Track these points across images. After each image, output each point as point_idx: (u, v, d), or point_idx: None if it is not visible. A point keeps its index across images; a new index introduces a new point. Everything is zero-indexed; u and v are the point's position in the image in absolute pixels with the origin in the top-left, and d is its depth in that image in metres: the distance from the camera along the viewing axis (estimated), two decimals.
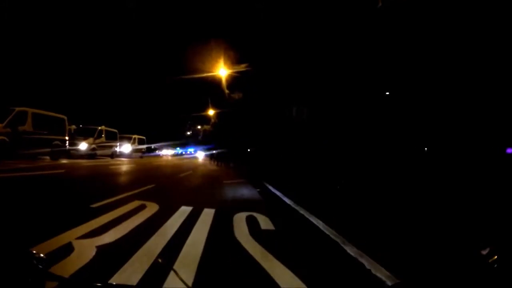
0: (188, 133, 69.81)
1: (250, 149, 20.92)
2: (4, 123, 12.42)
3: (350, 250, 3.41)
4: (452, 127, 7.85)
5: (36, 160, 14.14)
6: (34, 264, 0.96)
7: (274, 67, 15.45)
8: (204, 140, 47.82)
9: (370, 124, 10.08)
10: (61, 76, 27.43)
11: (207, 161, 32.55)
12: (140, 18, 40.79)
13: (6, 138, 12.33)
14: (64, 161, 15.49)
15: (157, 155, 44.37)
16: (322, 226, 4.40)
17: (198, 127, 59.69)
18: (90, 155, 20.31)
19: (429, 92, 8.50)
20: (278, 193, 7.93)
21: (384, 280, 2.68)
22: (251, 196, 7.94)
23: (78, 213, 4.48)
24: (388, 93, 10.24)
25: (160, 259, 2.96)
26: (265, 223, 4.69)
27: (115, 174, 11.77)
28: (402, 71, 9.29)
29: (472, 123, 7.34)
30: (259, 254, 3.26)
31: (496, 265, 1.12)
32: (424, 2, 8.65)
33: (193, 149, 58.37)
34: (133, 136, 29.81)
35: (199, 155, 44.90)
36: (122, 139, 26.82)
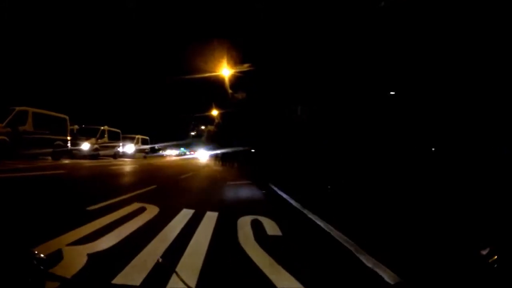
0: (192, 134, 69.95)
1: (254, 150, 20.67)
2: (4, 123, 12.23)
3: (366, 260, 3.11)
4: (458, 127, 7.68)
5: (37, 161, 13.94)
6: (35, 265, 0.95)
7: (278, 66, 15.22)
8: (208, 141, 47.69)
9: (378, 124, 9.93)
10: (64, 76, 27.37)
11: (211, 162, 32.32)
12: (145, 18, 40.75)
13: (6, 138, 12.13)
14: (66, 162, 15.30)
15: (161, 156, 44.31)
16: (333, 232, 4.10)
17: (202, 128, 59.61)
18: (93, 156, 20.14)
19: (436, 92, 8.41)
20: (284, 195, 7.66)
21: None
22: (256, 198, 7.69)
23: (73, 217, 4.21)
24: (394, 93, 10.09)
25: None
26: (272, 228, 4.39)
27: (116, 175, 11.55)
28: (408, 71, 9.19)
29: (477, 123, 7.21)
30: (266, 264, 2.97)
31: (496, 265, 1.14)
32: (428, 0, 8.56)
33: (197, 150, 58.28)
34: (136, 136, 29.61)
35: (203, 156, 44.75)
36: (125, 139, 26.64)
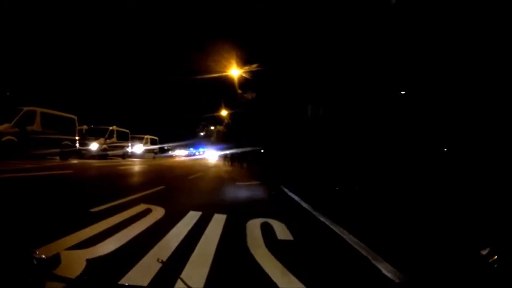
0: (202, 134, 70.10)
1: (264, 150, 20.45)
2: (12, 123, 12.20)
3: (386, 270, 2.86)
4: (463, 127, 7.69)
5: (45, 161, 13.91)
6: (35, 265, 0.97)
7: (288, 65, 15.00)
8: (217, 141, 47.69)
9: (389, 123, 9.73)
10: (75, 77, 27.48)
11: (220, 162, 32.14)
12: (156, 17, 40.86)
13: (14, 138, 12.09)
14: (74, 162, 15.26)
15: (170, 156, 44.35)
16: (348, 237, 3.85)
17: (212, 128, 59.77)
18: (101, 156, 20.13)
19: (449, 91, 8.25)
20: (294, 196, 7.43)
21: None
22: (265, 200, 7.47)
23: (74, 219, 4.05)
24: (403, 92, 9.95)
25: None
26: (282, 232, 4.15)
27: (124, 175, 11.43)
28: (419, 70, 9.02)
29: (477, 123, 7.24)
30: (277, 272, 2.74)
31: (496, 265, 1.13)
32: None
33: (207, 150, 58.32)
34: (145, 137, 29.60)
35: (212, 156, 44.72)
36: (134, 140, 26.62)
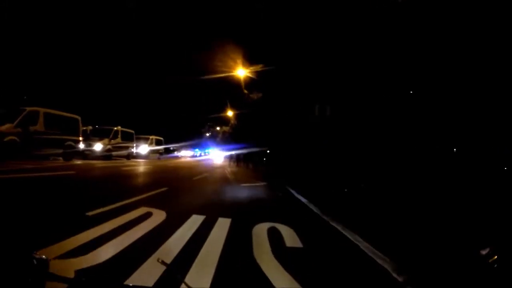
0: (207, 135, 69.99)
1: (270, 150, 20.21)
2: (15, 123, 12.01)
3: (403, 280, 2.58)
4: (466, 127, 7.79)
5: (48, 161, 13.72)
6: (35, 265, 0.90)
7: (295, 64, 14.77)
8: (223, 141, 47.55)
9: (400, 123, 9.50)
10: (80, 77, 27.39)
11: (226, 163, 31.95)
12: (162, 18, 40.79)
13: (17, 138, 11.91)
14: (77, 162, 15.06)
15: (176, 156, 44.18)
16: (363, 246, 3.55)
17: (217, 129, 59.73)
18: (106, 156, 19.92)
19: (451, 91, 8.02)
20: (302, 198, 7.16)
21: None
22: (272, 202, 7.21)
23: (69, 223, 3.77)
24: (412, 92, 9.87)
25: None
26: (291, 238, 3.87)
27: (128, 176, 11.20)
28: (427, 70, 8.95)
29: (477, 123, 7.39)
30: (285, 285, 2.48)
31: (496, 265, 1.13)
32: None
33: (212, 150, 58.25)
34: (150, 137, 29.38)
35: (218, 156, 44.57)
36: (139, 140, 26.39)
